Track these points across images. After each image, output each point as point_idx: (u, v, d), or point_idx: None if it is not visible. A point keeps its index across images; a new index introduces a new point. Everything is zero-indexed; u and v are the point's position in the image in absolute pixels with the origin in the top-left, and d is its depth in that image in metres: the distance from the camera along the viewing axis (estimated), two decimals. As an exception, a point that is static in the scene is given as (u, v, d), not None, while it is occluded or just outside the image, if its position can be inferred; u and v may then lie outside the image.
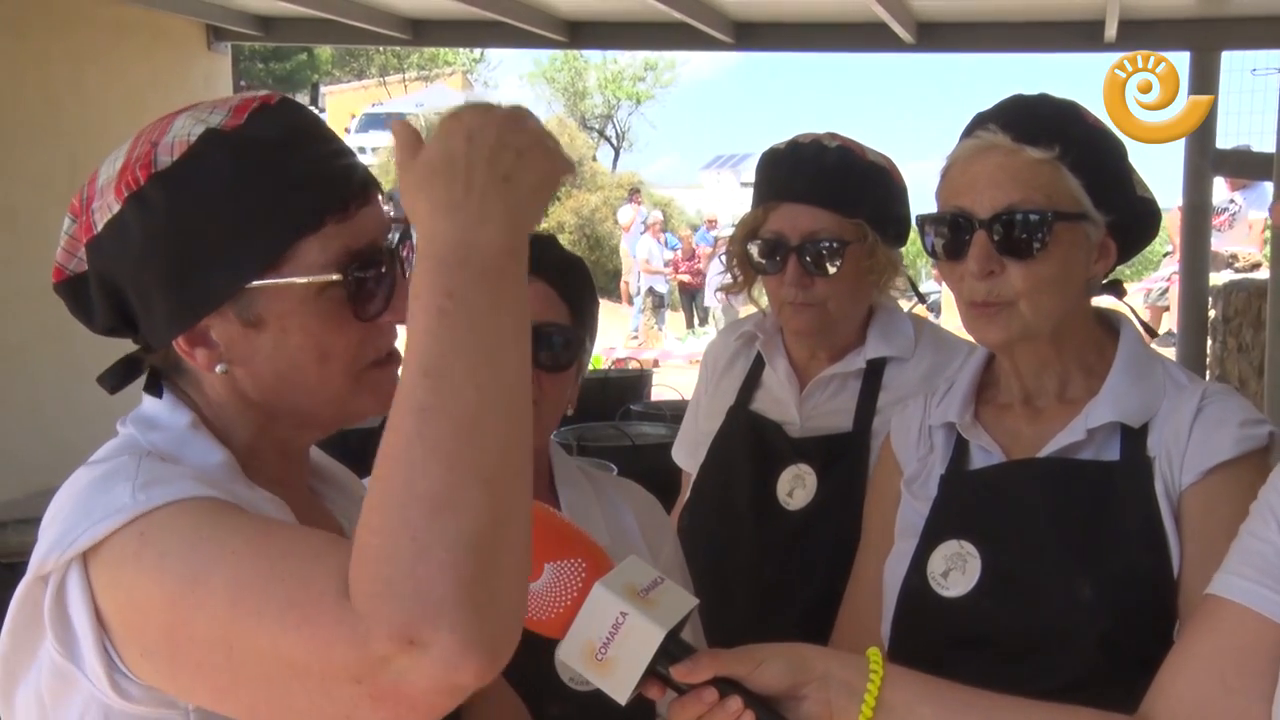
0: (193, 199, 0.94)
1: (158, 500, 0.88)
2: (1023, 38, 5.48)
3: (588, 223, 19.91)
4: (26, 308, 4.75)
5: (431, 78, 31.52)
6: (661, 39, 5.90)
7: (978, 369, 1.43)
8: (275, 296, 0.96)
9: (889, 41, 5.32)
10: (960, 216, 1.31)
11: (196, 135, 0.95)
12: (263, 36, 6.08)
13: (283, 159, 0.96)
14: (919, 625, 1.35)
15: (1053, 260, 1.29)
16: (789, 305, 1.77)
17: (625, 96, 31.35)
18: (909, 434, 1.46)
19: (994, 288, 1.30)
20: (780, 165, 1.80)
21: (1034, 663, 1.27)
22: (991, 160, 1.30)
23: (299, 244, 0.96)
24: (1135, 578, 1.26)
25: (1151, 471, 1.28)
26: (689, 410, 2.06)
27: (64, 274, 1.02)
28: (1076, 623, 1.26)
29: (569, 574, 1.01)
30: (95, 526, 0.87)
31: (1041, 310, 1.31)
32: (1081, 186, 1.30)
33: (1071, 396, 1.36)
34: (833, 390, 1.83)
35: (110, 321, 1.01)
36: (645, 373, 5.59)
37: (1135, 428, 1.31)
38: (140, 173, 0.95)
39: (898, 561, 1.39)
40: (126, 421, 1.02)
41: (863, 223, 1.75)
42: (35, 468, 4.49)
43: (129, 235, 0.95)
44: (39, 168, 4.78)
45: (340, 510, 1.13)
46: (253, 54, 24.48)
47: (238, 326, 0.97)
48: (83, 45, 5.19)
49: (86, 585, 0.88)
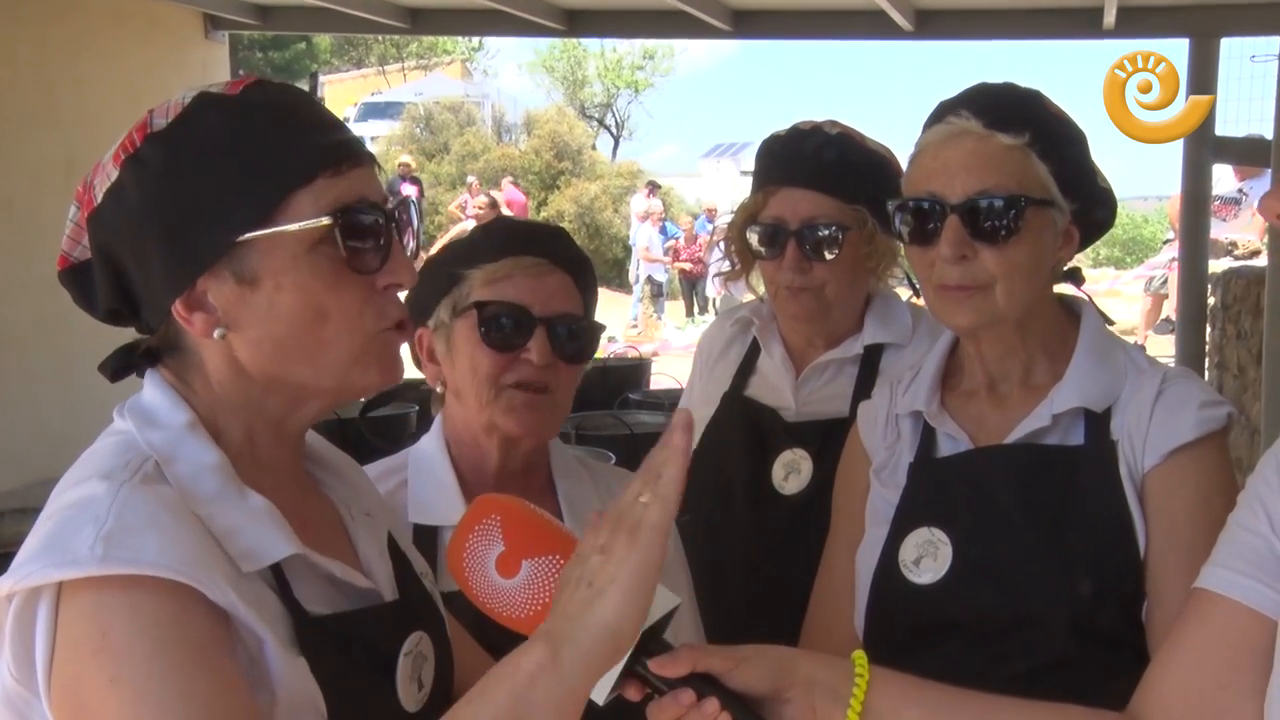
0: (187, 155, 0.96)
1: (116, 567, 0.87)
2: (1021, 25, 5.47)
3: (587, 211, 19.89)
4: (24, 298, 4.75)
5: (430, 67, 31.48)
6: (660, 27, 5.90)
7: (942, 356, 1.44)
8: (268, 250, 0.96)
9: (887, 29, 5.31)
10: (932, 201, 1.31)
11: (190, 98, 0.99)
12: (261, 25, 6.07)
13: (276, 118, 0.99)
14: (892, 613, 1.36)
15: (1024, 245, 1.30)
16: (786, 290, 1.77)
17: (624, 85, 31.29)
18: (876, 423, 1.47)
19: (967, 271, 1.30)
20: (780, 151, 1.80)
21: (1006, 646, 1.28)
22: (963, 146, 1.31)
23: (291, 197, 0.96)
24: (1103, 560, 1.27)
25: (1115, 455, 1.30)
26: (683, 397, 2.06)
27: (68, 261, 1.03)
28: (1047, 606, 1.27)
29: (546, 571, 0.99)
30: (49, 569, 0.88)
31: (1014, 295, 1.31)
32: (1050, 173, 1.32)
33: (1035, 382, 1.37)
34: (829, 376, 1.83)
35: (112, 302, 1.01)
36: (644, 361, 5.59)
37: (1099, 412, 1.32)
38: (137, 135, 0.98)
39: (869, 550, 1.39)
40: (124, 412, 1.01)
41: (862, 209, 1.75)
42: (32, 458, 4.49)
43: (126, 198, 0.97)
44: (35, 157, 4.77)
45: (338, 497, 1.13)
46: (251, 43, 24.41)
47: (233, 286, 0.97)
48: (80, 34, 5.18)
49: (53, 625, 0.88)
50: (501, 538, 1.01)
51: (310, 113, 1.02)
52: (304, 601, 0.97)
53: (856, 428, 1.51)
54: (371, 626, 1.04)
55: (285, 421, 1.04)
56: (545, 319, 1.44)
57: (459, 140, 21.96)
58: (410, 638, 1.06)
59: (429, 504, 1.48)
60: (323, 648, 0.96)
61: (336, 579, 1.02)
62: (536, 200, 20.40)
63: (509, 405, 1.44)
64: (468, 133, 22.41)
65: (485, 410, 1.45)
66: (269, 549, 0.96)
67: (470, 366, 1.45)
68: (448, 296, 1.48)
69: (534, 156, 21.25)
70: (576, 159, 21.45)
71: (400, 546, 1.16)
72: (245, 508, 0.97)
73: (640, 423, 4.00)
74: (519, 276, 1.46)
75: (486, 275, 1.46)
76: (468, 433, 1.51)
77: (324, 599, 1.00)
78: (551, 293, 1.46)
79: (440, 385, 1.52)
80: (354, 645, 1.00)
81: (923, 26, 5.38)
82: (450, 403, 1.53)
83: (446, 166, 21.13)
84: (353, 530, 1.11)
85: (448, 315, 1.48)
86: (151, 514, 0.91)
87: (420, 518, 1.47)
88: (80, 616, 0.87)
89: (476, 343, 1.45)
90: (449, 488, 1.48)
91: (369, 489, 1.20)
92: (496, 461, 1.50)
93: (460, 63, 31.75)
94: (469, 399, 1.47)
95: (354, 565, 1.06)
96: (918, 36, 5.48)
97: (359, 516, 1.12)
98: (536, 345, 1.43)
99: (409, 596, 1.10)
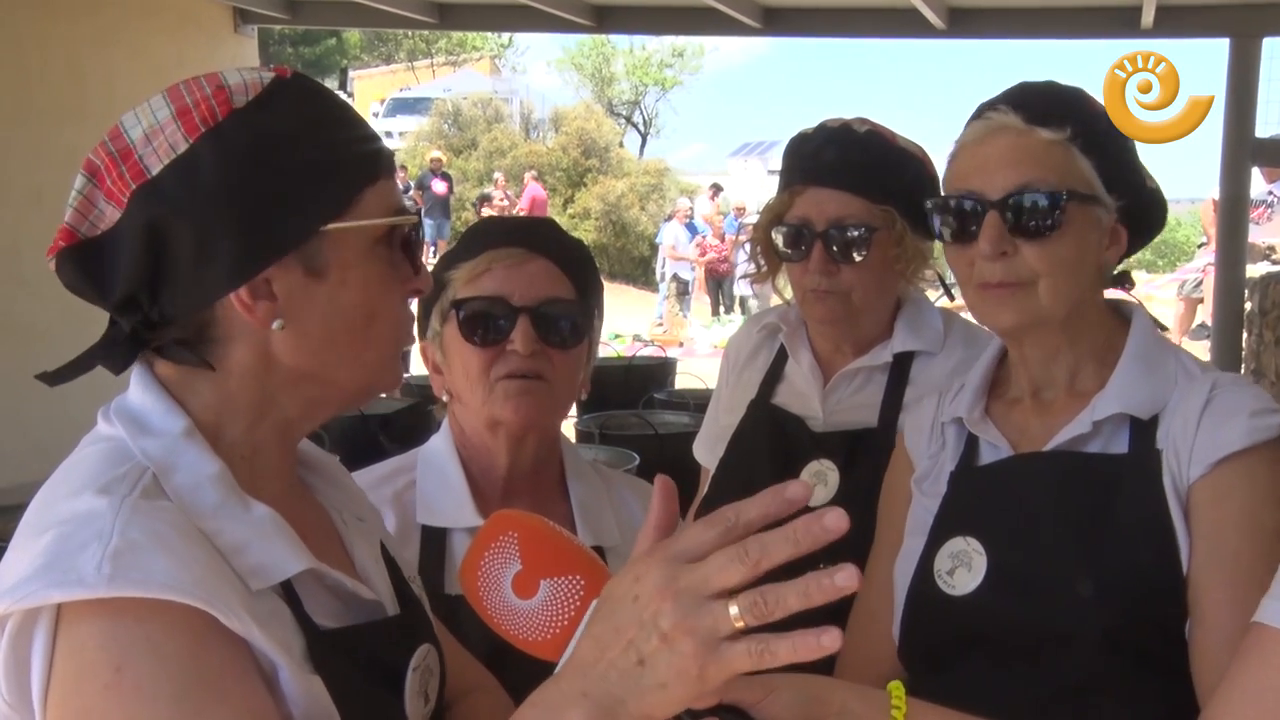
0: (276, 136, 0.93)
1: (125, 589, 0.82)
2: (1057, 23, 5.39)
3: (614, 209, 19.88)
4: (51, 290, 4.76)
5: (459, 63, 31.57)
6: (689, 23, 5.86)
7: (990, 364, 1.41)
8: (342, 243, 0.95)
9: (920, 27, 5.25)
10: (971, 198, 1.29)
11: (268, 79, 0.95)
12: (290, 20, 6.08)
13: (342, 112, 0.98)
14: (926, 625, 1.32)
15: (1067, 241, 1.27)
16: (812, 293, 1.73)
17: (652, 82, 31.26)
18: (922, 431, 1.44)
19: (1009, 268, 1.27)
20: (807, 149, 1.76)
21: (1040, 662, 1.24)
22: (1002, 141, 1.29)
23: (365, 192, 0.96)
24: (1140, 574, 1.22)
25: (1159, 465, 1.25)
26: (710, 404, 2.02)
27: (75, 237, 0.94)
28: (1079, 620, 1.22)
29: (566, 592, 0.94)
30: (51, 590, 0.82)
31: (1058, 293, 1.28)
32: (1093, 168, 1.29)
33: (1081, 388, 1.33)
34: (858, 384, 1.78)
35: (134, 286, 0.92)
36: (669, 361, 5.55)
37: (1144, 420, 1.27)
38: (220, 109, 0.92)
39: (906, 560, 1.36)
40: (111, 415, 0.96)
41: (891, 210, 1.70)
42: (58, 449, 4.51)
43: (201, 173, 0.90)
44: (65, 149, 4.79)
45: (329, 501, 1.10)
46: (282, 38, 24.57)
47: (300, 276, 0.94)
48: (110, 27, 5.21)
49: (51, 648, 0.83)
50: (519, 556, 0.96)
51: (359, 115, 1.02)
52: (312, 615, 0.94)
53: (902, 436, 1.48)
54: (380, 640, 1.01)
55: (294, 425, 1.01)
56: (526, 307, 1.43)
57: (487, 136, 22.01)
58: (418, 652, 1.03)
59: (438, 505, 1.47)
60: (336, 664, 0.93)
61: (344, 591, 0.99)
62: (563, 197, 20.43)
63: (504, 395, 1.44)
64: (495, 129, 22.46)
65: (484, 407, 1.45)
66: (279, 565, 0.92)
67: (462, 367, 1.46)
68: (436, 305, 1.49)
69: (561, 153, 21.27)
70: (604, 156, 21.46)
71: (390, 552, 1.13)
72: (250, 520, 0.93)
73: (665, 423, 3.96)
74: (497, 269, 1.45)
75: (465, 274, 1.47)
76: (475, 435, 1.50)
77: (330, 612, 0.97)
78: (532, 280, 1.45)
79: (446, 394, 1.52)
80: (364, 661, 0.97)
81: (956, 25, 5.32)
82: (454, 408, 1.53)
83: (474, 163, 21.19)
84: (347, 538, 1.07)
85: (439, 323, 1.49)
86: (158, 532, 0.86)
87: (429, 519, 1.46)
88: (89, 646, 0.82)
89: (460, 342, 1.45)
90: (458, 489, 1.47)
91: (357, 492, 1.17)
92: (505, 460, 1.48)
93: (489, 59, 31.82)
94: (468, 400, 1.47)
95: (352, 575, 1.03)
96: (951, 35, 5.41)
97: (352, 523, 1.09)
98: (520, 334, 1.43)
99: (411, 609, 1.08)
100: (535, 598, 0.95)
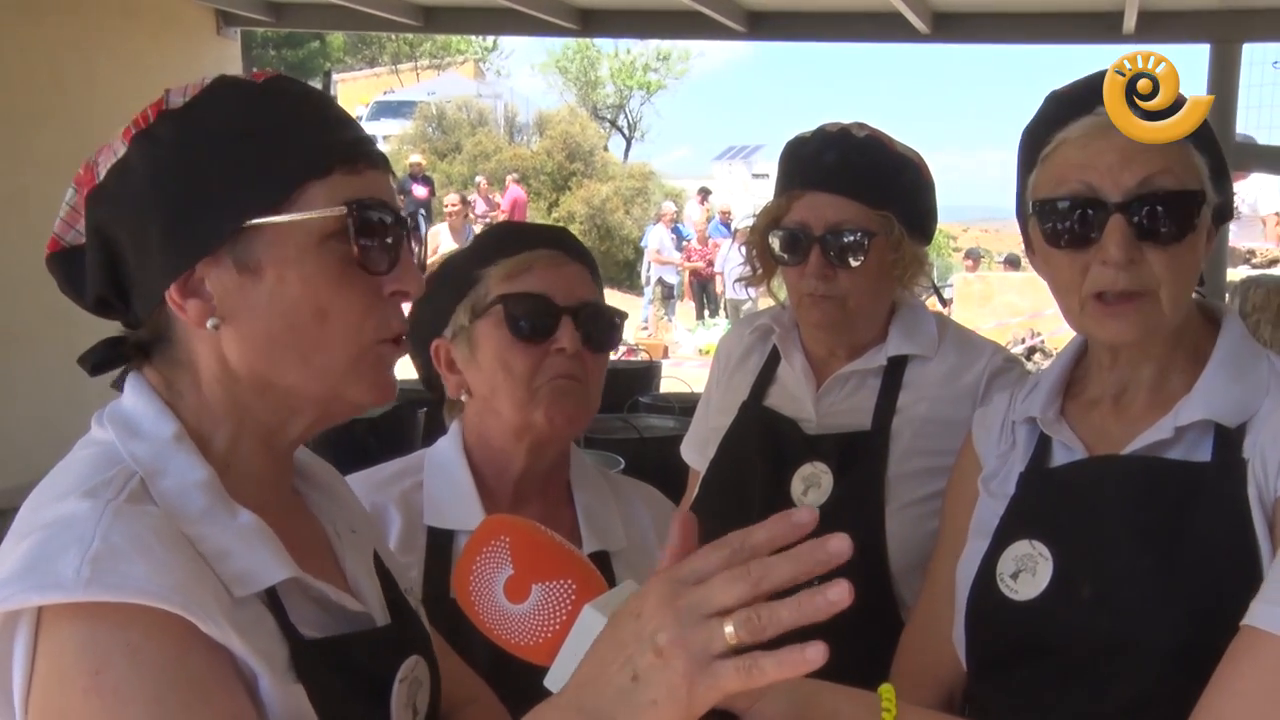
0: (202, 135, 0.93)
1: (103, 594, 0.81)
2: (1040, 29, 5.41)
3: (598, 213, 19.87)
4: (33, 293, 4.72)
5: (443, 66, 31.52)
6: (674, 27, 5.86)
7: (1069, 362, 1.35)
8: (276, 239, 0.93)
9: (904, 32, 5.27)
10: (1089, 199, 1.19)
11: (210, 80, 0.96)
12: (273, 22, 6.05)
13: (295, 108, 0.96)
14: (986, 630, 1.28)
15: (1192, 245, 1.19)
16: (808, 297, 1.72)
17: (637, 86, 31.27)
18: (991, 430, 1.38)
19: (1135, 276, 1.18)
20: (806, 153, 1.75)
21: (1104, 674, 1.18)
22: (1122, 137, 1.16)
23: (305, 187, 0.93)
24: (1218, 588, 1.14)
25: (1245, 475, 1.17)
26: (700, 406, 2.01)
27: (59, 245, 0.99)
28: (1150, 633, 1.17)
29: (558, 596, 0.94)
30: (30, 592, 0.82)
31: (1179, 302, 1.19)
32: (1206, 165, 1.22)
33: (1166, 392, 1.26)
34: (851, 388, 1.78)
35: (101, 288, 0.96)
36: (654, 364, 5.55)
37: (1231, 427, 1.20)
38: (150, 112, 0.94)
39: (969, 562, 1.31)
40: (104, 420, 0.96)
41: (889, 215, 1.69)
42: (39, 454, 4.47)
43: (133, 175, 0.93)
44: (47, 152, 4.76)
45: (324, 514, 1.09)
46: (265, 41, 24.47)
47: (233, 274, 0.93)
48: (92, 29, 5.17)
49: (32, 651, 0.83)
50: (510, 560, 0.96)
51: (330, 109, 1.00)
52: (297, 625, 0.93)
53: (971, 435, 1.42)
54: (366, 651, 0.99)
55: (275, 434, 0.99)
56: (569, 308, 1.42)
57: (471, 140, 21.98)
58: (406, 663, 1.02)
59: (446, 508, 1.44)
60: (319, 673, 0.92)
61: (329, 602, 0.98)
62: (548, 201, 20.41)
63: (549, 398, 1.41)
64: (480, 133, 22.42)
65: (522, 410, 1.41)
66: (262, 572, 0.91)
67: (502, 365, 1.41)
68: (465, 300, 1.45)
69: (546, 157, 21.25)
70: (588, 160, 21.45)
71: (385, 563, 1.12)
72: (235, 527, 0.92)
73: (650, 426, 3.96)
74: (539, 268, 1.43)
75: (505, 271, 1.43)
76: (495, 438, 1.46)
77: (315, 622, 0.96)
78: (572, 282, 1.44)
79: (465, 394, 1.48)
80: (348, 671, 0.96)
81: (939, 29, 5.33)
82: (472, 409, 1.48)
83: (458, 166, 21.15)
84: (340, 550, 1.06)
85: (467, 318, 1.44)
86: (139, 536, 0.85)
87: (436, 521, 1.44)
88: (68, 649, 0.82)
89: (506, 339, 1.41)
90: (467, 492, 1.45)
91: (353, 501, 1.16)
92: (522, 466, 1.46)
93: (473, 62, 31.77)
94: (502, 401, 1.43)
95: (342, 587, 1.02)
96: (934, 40, 5.42)
97: (345, 535, 1.08)
98: (566, 334, 1.40)
99: (403, 620, 1.06)
100: (527, 602, 0.94)
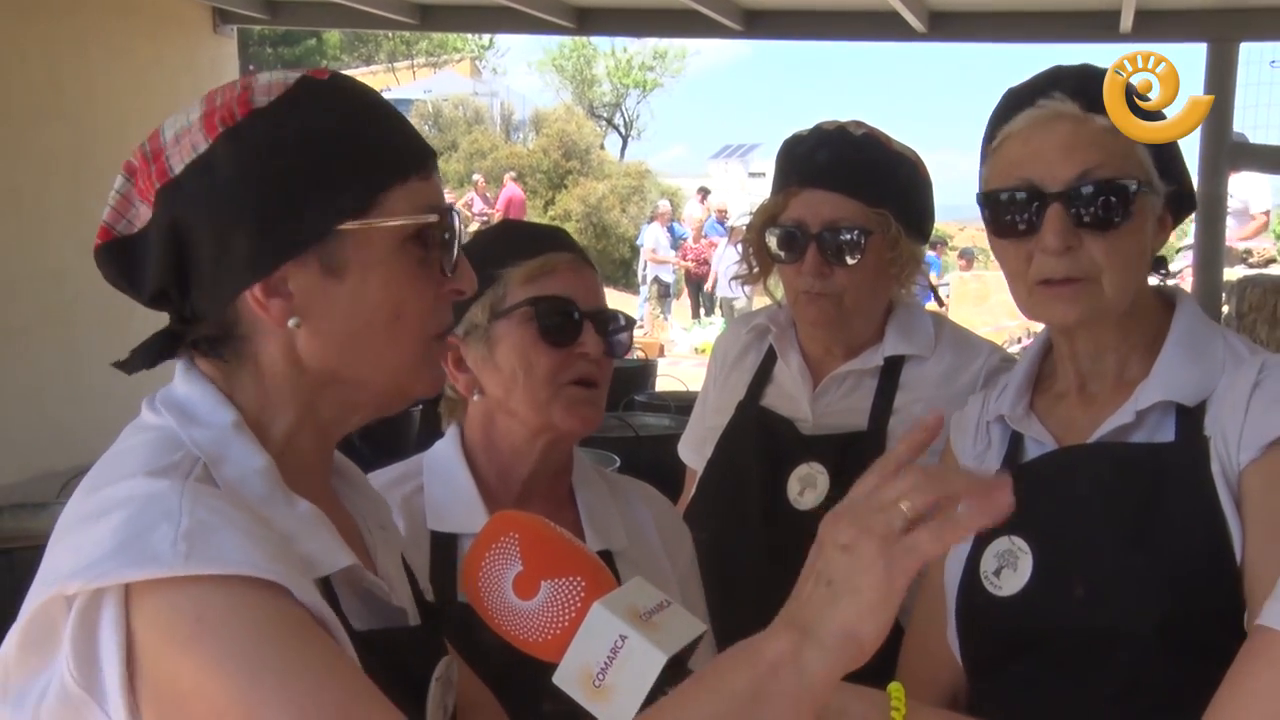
0: (292, 136, 0.93)
1: (203, 567, 0.81)
2: (1037, 28, 5.41)
3: (594, 211, 19.86)
4: (29, 291, 4.72)
5: (440, 64, 31.46)
6: (671, 25, 5.85)
7: (1035, 358, 1.37)
8: (364, 242, 0.94)
9: (900, 30, 5.26)
10: (1030, 189, 1.24)
11: (293, 80, 0.96)
12: (269, 20, 6.04)
13: (374, 111, 0.98)
14: (976, 628, 1.29)
15: (1131, 233, 1.23)
16: (804, 295, 1.72)
17: (634, 85, 31.27)
18: (967, 431, 1.40)
19: (1074, 263, 1.22)
20: (803, 151, 1.75)
21: (1093, 662, 1.20)
22: (1060, 129, 1.23)
23: (389, 191, 0.95)
24: (1191, 564, 1.17)
25: (1207, 452, 1.20)
26: (697, 405, 2.01)
27: (111, 234, 0.96)
28: (1131, 616, 1.19)
29: (567, 593, 0.94)
30: (126, 569, 0.81)
31: (1122, 287, 1.24)
32: (1149, 154, 1.25)
33: (1128, 379, 1.29)
34: (848, 387, 1.77)
35: (163, 282, 0.95)
36: (650, 363, 5.55)
37: (1191, 406, 1.23)
38: (239, 109, 0.93)
39: (955, 562, 1.33)
40: (156, 404, 0.96)
41: (886, 213, 1.69)
42: (35, 452, 4.47)
43: (217, 172, 0.92)
44: (42, 150, 4.75)
45: (356, 509, 1.09)
46: (262, 38, 24.43)
47: (317, 276, 0.94)
48: (87, 27, 5.16)
49: (124, 625, 0.82)
50: (520, 557, 0.96)
51: (393, 110, 1.00)
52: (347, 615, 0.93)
53: (950, 438, 1.44)
54: (407, 648, 1.00)
55: (331, 427, 1.01)
56: (590, 313, 1.42)
57: (467, 138, 21.97)
58: (441, 662, 1.02)
59: (448, 511, 1.43)
60: (370, 666, 0.91)
61: (373, 596, 0.98)
62: (544, 199, 20.40)
63: (571, 401, 1.41)
64: (476, 131, 22.42)
65: (541, 410, 1.41)
66: (327, 557, 0.92)
67: (524, 366, 1.40)
68: (481, 299, 1.43)
69: (542, 155, 21.25)
70: (584, 158, 21.44)
71: (408, 564, 1.12)
72: (295, 515, 0.92)
73: (645, 425, 3.95)
74: (561, 272, 1.43)
75: (526, 273, 1.42)
76: (506, 438, 1.45)
77: (360, 615, 0.96)
78: (590, 287, 1.45)
79: (477, 393, 1.46)
80: (391, 667, 0.95)
81: (936, 28, 5.33)
82: (478, 409, 1.47)
83: (454, 164, 21.13)
84: (372, 546, 1.07)
85: (485, 318, 1.43)
86: (225, 511, 0.86)
87: (439, 525, 1.42)
88: (164, 612, 0.81)
89: (532, 341, 1.40)
90: (469, 495, 1.43)
91: (381, 501, 1.16)
92: (533, 466, 1.45)
93: (470, 61, 31.73)
94: (520, 400, 1.42)
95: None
96: (931, 38, 5.42)
97: (376, 531, 1.08)
98: (590, 339, 1.41)
99: (433, 619, 1.07)
100: (536, 598, 0.94)
